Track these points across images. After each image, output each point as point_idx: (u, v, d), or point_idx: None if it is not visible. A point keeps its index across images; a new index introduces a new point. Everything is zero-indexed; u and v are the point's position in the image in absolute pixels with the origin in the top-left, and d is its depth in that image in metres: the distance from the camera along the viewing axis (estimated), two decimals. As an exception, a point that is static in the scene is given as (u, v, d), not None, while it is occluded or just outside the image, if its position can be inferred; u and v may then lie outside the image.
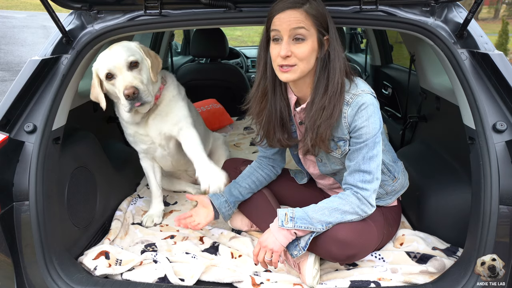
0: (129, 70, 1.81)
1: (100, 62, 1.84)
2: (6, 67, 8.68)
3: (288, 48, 1.45)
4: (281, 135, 1.67)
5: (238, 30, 13.91)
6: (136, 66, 1.83)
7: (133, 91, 1.75)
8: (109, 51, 1.84)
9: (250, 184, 1.89)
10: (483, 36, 1.74)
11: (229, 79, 3.81)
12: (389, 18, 1.76)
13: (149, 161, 2.26)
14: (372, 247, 1.70)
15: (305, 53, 1.45)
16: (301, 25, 1.43)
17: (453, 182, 1.89)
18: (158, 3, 1.79)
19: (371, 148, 1.52)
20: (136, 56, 1.84)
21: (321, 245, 1.57)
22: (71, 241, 1.80)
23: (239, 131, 3.51)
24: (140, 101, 1.79)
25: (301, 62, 1.47)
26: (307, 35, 1.45)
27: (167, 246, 1.91)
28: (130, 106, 1.80)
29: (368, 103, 1.50)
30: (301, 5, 1.44)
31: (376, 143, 1.53)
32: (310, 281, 1.60)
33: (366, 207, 1.55)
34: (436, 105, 2.24)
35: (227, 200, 1.85)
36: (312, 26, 1.45)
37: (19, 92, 1.66)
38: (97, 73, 1.86)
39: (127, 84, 1.76)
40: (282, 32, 1.45)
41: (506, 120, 1.55)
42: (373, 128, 1.51)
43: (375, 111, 1.52)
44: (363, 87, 1.53)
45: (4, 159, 1.56)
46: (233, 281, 1.64)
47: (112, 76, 1.82)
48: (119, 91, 1.80)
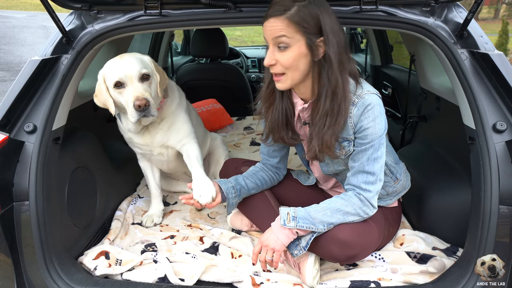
0: (140, 82, 1.81)
1: (109, 69, 1.82)
2: (6, 67, 8.68)
3: (272, 57, 1.44)
4: (285, 133, 1.68)
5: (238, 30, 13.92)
6: (147, 79, 1.84)
7: (145, 103, 1.75)
8: (120, 60, 1.83)
9: (256, 180, 1.88)
10: (483, 36, 1.74)
11: (229, 79, 3.81)
12: (389, 18, 1.76)
13: (147, 162, 2.27)
14: (373, 248, 1.70)
15: (289, 61, 1.42)
16: (281, 33, 1.39)
17: (453, 182, 1.89)
18: (158, 3, 1.79)
19: (376, 149, 1.52)
20: (148, 69, 1.85)
21: (322, 246, 1.57)
22: (71, 241, 1.80)
23: (239, 131, 3.51)
24: (148, 114, 1.79)
25: (289, 70, 1.45)
26: (291, 42, 1.40)
27: (167, 246, 1.91)
28: (138, 117, 1.79)
29: (375, 103, 1.49)
30: (283, 12, 1.39)
31: (381, 144, 1.53)
32: (310, 281, 1.60)
33: (368, 208, 1.55)
34: (436, 105, 2.24)
35: (234, 186, 1.82)
36: (297, 33, 1.39)
37: (19, 92, 1.66)
38: (104, 79, 1.84)
39: (139, 96, 1.76)
40: (267, 40, 1.45)
41: (506, 120, 1.55)
42: (379, 129, 1.50)
43: (381, 112, 1.51)
44: (368, 88, 1.53)
45: (4, 159, 1.56)
46: (233, 281, 1.64)
47: (121, 85, 1.80)
48: (128, 101, 1.79)
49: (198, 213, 2.29)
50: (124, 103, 1.83)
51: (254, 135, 3.38)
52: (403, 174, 1.82)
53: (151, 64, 1.90)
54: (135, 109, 1.76)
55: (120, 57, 1.85)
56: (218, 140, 2.65)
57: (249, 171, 1.91)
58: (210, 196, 1.75)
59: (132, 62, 1.81)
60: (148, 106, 1.76)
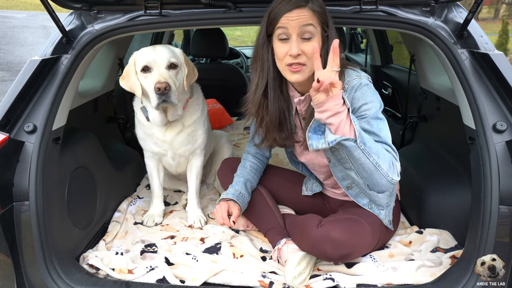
0: (167, 69, 1.89)
1: (141, 54, 1.93)
2: (6, 67, 8.68)
3: (299, 47, 1.45)
4: (278, 134, 1.67)
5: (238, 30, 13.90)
6: (174, 68, 1.92)
7: (165, 86, 1.82)
8: (152, 48, 1.93)
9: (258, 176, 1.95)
10: (483, 36, 1.74)
11: (229, 79, 3.80)
12: (389, 18, 1.76)
13: (155, 161, 2.28)
14: (367, 248, 1.70)
15: (314, 50, 1.41)
16: (310, 22, 1.44)
17: (453, 182, 1.89)
18: (158, 3, 1.79)
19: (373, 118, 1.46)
20: (177, 59, 1.94)
21: (315, 245, 1.57)
22: (71, 241, 1.80)
23: (239, 131, 3.51)
24: (168, 99, 1.84)
25: (310, 61, 1.46)
26: (314, 33, 1.46)
27: (167, 246, 1.91)
28: (158, 101, 1.84)
29: (362, 83, 1.50)
30: (306, 3, 1.46)
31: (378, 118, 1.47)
32: (289, 280, 1.57)
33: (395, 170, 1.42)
34: (436, 105, 2.24)
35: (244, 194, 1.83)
36: (318, 24, 1.47)
37: (19, 92, 1.66)
38: (135, 62, 1.93)
39: (161, 79, 1.83)
40: (290, 30, 1.45)
41: (506, 120, 1.55)
42: (373, 106, 1.48)
43: (370, 88, 1.51)
44: (357, 74, 1.53)
45: (4, 159, 1.56)
46: (241, 284, 1.62)
47: (149, 69, 1.89)
48: (151, 84, 1.86)
49: (198, 213, 2.29)
50: (147, 87, 1.90)
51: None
52: None
53: (181, 56, 1.99)
54: (155, 92, 1.82)
55: (153, 46, 1.95)
56: (224, 139, 2.67)
57: (251, 169, 1.93)
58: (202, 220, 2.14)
59: (162, 51, 1.91)
60: (168, 90, 1.83)
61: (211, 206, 2.36)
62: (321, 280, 1.61)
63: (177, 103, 1.90)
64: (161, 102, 1.85)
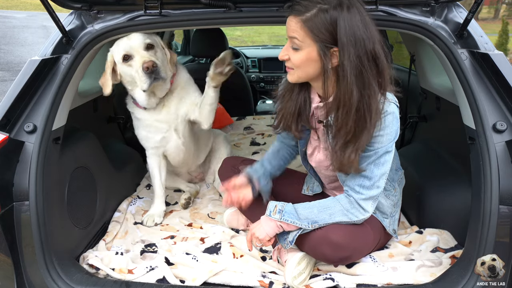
0: (146, 51, 1.94)
1: (117, 46, 1.97)
2: (6, 67, 8.67)
3: (286, 52, 1.45)
4: (294, 125, 1.63)
5: (238, 30, 13.92)
6: (151, 48, 1.97)
7: (152, 64, 1.87)
8: (126, 37, 1.95)
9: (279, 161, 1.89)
10: (483, 36, 1.74)
11: (229, 79, 3.79)
12: (389, 18, 1.76)
13: (157, 159, 2.28)
14: (367, 250, 1.70)
15: (297, 62, 1.42)
16: (294, 35, 1.38)
17: (453, 182, 1.89)
18: (158, 3, 1.80)
19: (379, 156, 1.48)
20: (152, 39, 1.98)
21: (315, 247, 1.57)
22: (71, 241, 1.80)
23: (239, 131, 3.51)
24: (157, 75, 1.90)
25: (297, 69, 1.45)
26: (301, 45, 1.38)
27: (167, 246, 1.91)
28: (150, 81, 1.89)
29: (389, 111, 1.45)
30: (301, 13, 1.35)
31: (387, 152, 1.48)
32: (289, 280, 1.58)
33: (357, 211, 1.52)
34: (436, 105, 2.24)
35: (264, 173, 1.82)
36: (308, 38, 1.36)
37: (19, 92, 1.66)
38: (113, 57, 1.98)
39: (146, 59, 1.89)
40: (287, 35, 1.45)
41: (506, 120, 1.55)
42: (387, 139, 1.46)
43: (393, 121, 1.46)
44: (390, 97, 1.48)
45: (4, 159, 1.56)
46: (241, 284, 1.63)
47: (129, 57, 1.94)
48: (137, 67, 1.90)
49: (198, 213, 2.29)
50: (134, 73, 1.94)
51: (254, 135, 3.37)
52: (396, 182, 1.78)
53: (155, 37, 2.04)
54: (144, 72, 1.87)
55: (126, 35, 1.95)
56: (221, 138, 2.67)
57: (271, 151, 1.91)
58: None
59: (136, 35, 1.94)
60: (156, 67, 1.88)
61: (211, 206, 2.36)
62: (321, 280, 1.61)
63: (166, 77, 1.99)
64: (153, 80, 1.90)
